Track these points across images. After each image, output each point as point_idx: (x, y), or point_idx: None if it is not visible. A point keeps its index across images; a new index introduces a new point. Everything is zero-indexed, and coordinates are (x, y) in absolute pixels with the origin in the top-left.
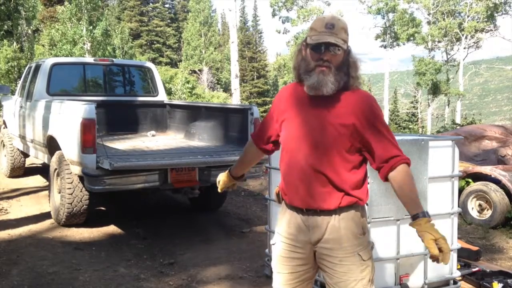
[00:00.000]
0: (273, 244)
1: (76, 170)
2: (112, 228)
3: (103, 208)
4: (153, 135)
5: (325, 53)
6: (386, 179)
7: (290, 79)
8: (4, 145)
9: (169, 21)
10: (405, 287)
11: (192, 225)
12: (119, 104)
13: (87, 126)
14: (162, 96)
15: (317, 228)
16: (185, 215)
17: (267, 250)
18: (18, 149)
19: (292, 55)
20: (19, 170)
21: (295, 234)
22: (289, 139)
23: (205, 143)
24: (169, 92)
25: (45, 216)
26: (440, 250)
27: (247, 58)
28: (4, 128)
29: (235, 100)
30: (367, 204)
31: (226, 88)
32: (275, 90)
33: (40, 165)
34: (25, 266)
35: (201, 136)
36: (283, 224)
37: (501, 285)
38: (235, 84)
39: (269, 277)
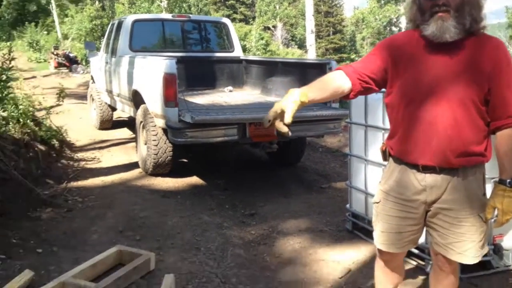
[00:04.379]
0: (377, 203)
1: (160, 123)
2: (194, 179)
3: (185, 160)
4: (230, 91)
5: None
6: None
7: (369, 34)
8: (93, 99)
9: None
10: (499, 247)
11: (271, 179)
12: (197, 60)
13: (168, 81)
14: (238, 52)
15: (436, 188)
16: (264, 169)
17: (348, 205)
18: (106, 103)
19: (406, 7)
20: (108, 123)
21: (408, 193)
22: (409, 90)
23: (282, 98)
24: (243, 49)
25: (133, 165)
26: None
27: (322, 13)
28: (92, 83)
29: (310, 56)
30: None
31: (301, 45)
32: (352, 46)
33: (126, 119)
34: (118, 210)
35: (278, 92)
36: (391, 183)
37: None
38: (310, 40)
39: (350, 232)
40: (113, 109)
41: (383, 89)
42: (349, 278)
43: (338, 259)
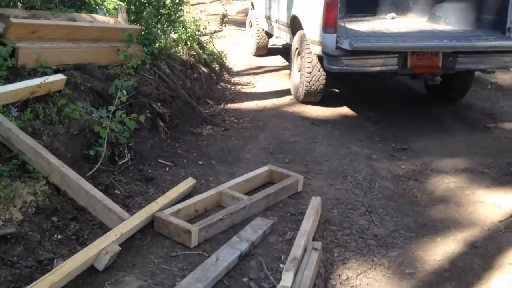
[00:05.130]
0: None
1: (316, 49)
2: (345, 110)
3: (336, 90)
4: (392, 18)
5: None
6: None
7: None
8: (251, 26)
9: None
10: None
11: (428, 115)
12: None
13: (330, 5)
14: None
15: None
16: (420, 104)
17: None
18: (263, 30)
19: None
20: (263, 50)
21: None
22: None
23: (452, 27)
24: None
25: (285, 92)
26: None
27: None
28: (252, 9)
29: None
30: None
31: None
32: None
33: (280, 46)
34: (270, 133)
35: (448, 19)
36: None
37: None
38: None
39: None
40: (269, 36)
41: None
42: (510, 223)
43: (498, 202)
